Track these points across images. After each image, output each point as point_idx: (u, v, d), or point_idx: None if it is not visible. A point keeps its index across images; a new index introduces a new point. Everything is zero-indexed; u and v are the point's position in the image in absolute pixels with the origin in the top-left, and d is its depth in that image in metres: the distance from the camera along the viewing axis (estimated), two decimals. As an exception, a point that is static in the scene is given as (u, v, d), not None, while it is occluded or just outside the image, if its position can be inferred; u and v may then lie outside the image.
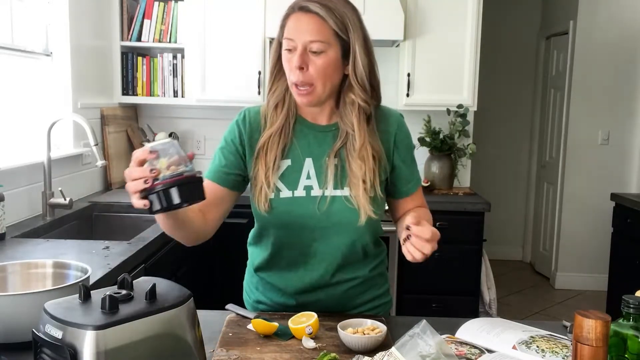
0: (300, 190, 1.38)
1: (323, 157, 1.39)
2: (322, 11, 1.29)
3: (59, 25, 2.78)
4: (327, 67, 1.31)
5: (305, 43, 1.29)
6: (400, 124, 1.45)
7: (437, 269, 3.14)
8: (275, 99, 1.40)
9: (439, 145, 3.44)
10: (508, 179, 5.64)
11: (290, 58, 1.31)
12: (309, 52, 1.29)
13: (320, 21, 1.29)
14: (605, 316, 0.92)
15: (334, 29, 1.30)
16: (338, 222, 1.37)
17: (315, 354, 1.18)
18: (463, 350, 1.15)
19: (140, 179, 1.05)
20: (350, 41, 1.32)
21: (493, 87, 5.20)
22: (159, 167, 1.03)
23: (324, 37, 1.29)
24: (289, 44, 1.31)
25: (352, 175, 1.36)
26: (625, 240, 3.65)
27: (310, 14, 1.29)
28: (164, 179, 1.02)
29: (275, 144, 1.37)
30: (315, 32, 1.29)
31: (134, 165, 1.07)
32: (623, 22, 4.62)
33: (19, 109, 2.56)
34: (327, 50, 1.30)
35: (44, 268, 1.32)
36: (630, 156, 4.75)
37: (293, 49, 1.30)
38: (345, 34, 1.31)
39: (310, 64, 1.30)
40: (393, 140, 1.42)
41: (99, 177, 3.17)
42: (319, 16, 1.29)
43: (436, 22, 3.30)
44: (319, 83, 1.31)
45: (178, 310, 0.97)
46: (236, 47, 3.29)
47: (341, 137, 1.38)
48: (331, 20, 1.29)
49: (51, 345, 0.89)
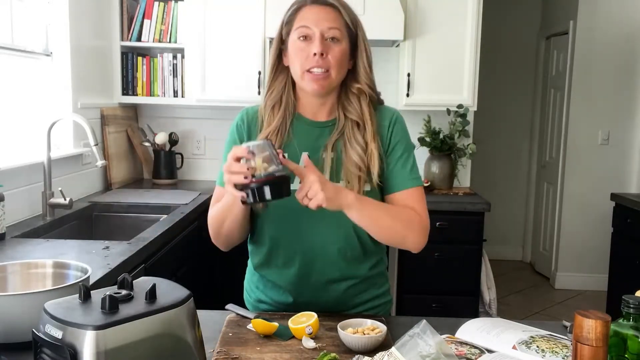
0: (296, 184, 1.38)
1: (319, 151, 1.40)
2: (338, 4, 1.37)
3: (59, 25, 2.78)
4: (342, 55, 1.36)
5: (324, 30, 1.34)
6: (397, 119, 1.46)
7: (437, 269, 3.14)
8: (272, 100, 1.42)
9: (439, 145, 3.44)
10: (508, 179, 5.64)
11: (304, 47, 1.35)
12: (326, 40, 1.35)
13: (336, 12, 1.36)
14: (605, 316, 0.92)
15: (346, 22, 1.37)
16: (333, 215, 1.35)
17: (315, 354, 1.18)
18: (463, 350, 1.15)
19: (239, 173, 1.17)
20: (359, 35, 1.40)
21: (493, 87, 5.20)
22: (255, 165, 1.17)
23: (340, 26, 1.36)
24: (305, 31, 1.35)
25: (349, 164, 1.37)
26: (625, 240, 3.65)
27: (325, 6, 1.36)
28: (259, 177, 1.16)
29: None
30: (333, 21, 1.35)
31: (231, 161, 1.18)
32: (623, 22, 4.62)
33: (19, 109, 2.56)
34: (342, 40, 1.36)
35: (44, 268, 1.32)
36: (630, 156, 4.75)
37: (309, 37, 1.35)
38: (355, 28, 1.39)
39: (329, 51, 1.34)
40: (387, 134, 1.43)
41: (99, 177, 3.17)
42: (335, 8, 1.36)
43: (436, 22, 3.30)
44: (334, 70, 1.36)
45: (178, 310, 0.97)
46: (236, 47, 3.29)
47: (338, 129, 1.40)
48: (345, 13, 1.37)
49: (51, 345, 0.89)
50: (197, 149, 3.73)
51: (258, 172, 1.17)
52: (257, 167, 1.17)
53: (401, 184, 1.41)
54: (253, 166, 1.17)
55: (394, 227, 1.36)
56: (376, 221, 1.34)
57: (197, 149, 3.73)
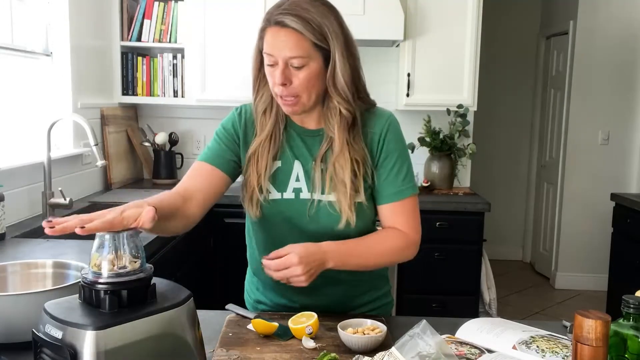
0: (290, 192, 1.38)
1: (311, 161, 1.39)
2: (299, 25, 1.24)
3: (59, 25, 2.78)
4: (310, 79, 1.29)
5: (286, 59, 1.26)
6: (390, 126, 1.40)
7: (437, 269, 3.14)
8: (263, 104, 1.40)
9: (439, 145, 3.43)
10: (508, 179, 5.63)
11: (272, 72, 1.30)
12: (290, 67, 1.27)
13: (298, 36, 1.25)
14: (605, 316, 0.92)
15: (313, 42, 1.26)
16: (323, 227, 1.36)
17: (315, 354, 1.18)
18: (463, 350, 1.15)
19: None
20: (331, 49, 1.28)
21: (493, 87, 5.20)
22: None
23: (303, 51, 1.26)
24: (270, 59, 1.29)
25: (336, 180, 1.35)
26: (625, 240, 3.65)
27: (287, 29, 1.25)
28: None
29: (266, 150, 1.37)
30: (294, 48, 1.25)
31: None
32: (623, 22, 4.62)
33: (19, 109, 2.56)
34: (309, 63, 1.28)
35: (44, 268, 1.32)
36: (630, 156, 4.75)
37: (274, 64, 1.29)
38: (325, 43, 1.28)
39: (293, 78, 1.28)
40: (378, 141, 1.39)
41: (99, 177, 3.17)
42: (296, 31, 1.25)
43: (436, 22, 3.30)
44: (304, 94, 1.30)
45: (178, 310, 0.97)
46: (236, 47, 3.29)
47: (326, 141, 1.38)
48: (308, 32, 1.25)
49: (51, 345, 0.89)
50: (197, 149, 3.73)
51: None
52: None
53: (392, 196, 1.39)
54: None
55: (381, 261, 1.41)
56: (363, 266, 1.38)
57: (197, 149, 3.73)
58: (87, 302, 0.94)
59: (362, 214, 1.37)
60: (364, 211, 1.37)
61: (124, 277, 0.94)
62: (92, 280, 0.94)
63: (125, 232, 0.97)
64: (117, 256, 0.96)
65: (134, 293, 0.94)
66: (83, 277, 0.95)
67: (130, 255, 0.97)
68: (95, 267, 0.95)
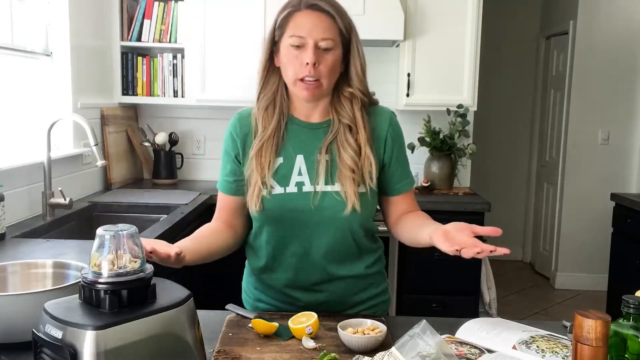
0: (292, 186, 1.39)
1: (314, 153, 1.40)
2: (332, 10, 1.34)
3: (59, 25, 2.78)
4: (334, 63, 1.35)
5: (317, 40, 1.32)
6: (393, 122, 1.46)
7: (437, 269, 3.13)
8: (265, 101, 1.42)
9: (439, 145, 3.43)
10: (508, 179, 5.63)
11: (298, 55, 1.33)
12: (319, 49, 1.33)
13: (331, 20, 1.34)
14: (605, 316, 0.92)
15: (340, 29, 1.35)
16: (328, 217, 1.38)
17: (315, 354, 1.18)
18: (463, 350, 1.15)
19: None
20: (352, 40, 1.38)
21: (493, 87, 5.20)
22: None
23: (334, 35, 1.34)
24: (298, 40, 1.33)
25: (343, 167, 1.37)
26: (625, 240, 3.65)
27: (320, 13, 1.34)
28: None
29: (270, 147, 1.39)
30: (327, 30, 1.33)
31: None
32: (623, 22, 4.62)
33: (19, 109, 2.56)
34: (335, 48, 1.35)
35: (44, 268, 1.32)
36: (630, 156, 4.75)
37: (302, 46, 1.33)
38: (348, 33, 1.37)
39: (321, 60, 1.33)
40: (384, 137, 1.43)
41: (99, 177, 3.17)
42: (330, 15, 1.34)
43: (436, 22, 3.30)
44: (325, 79, 1.35)
45: (178, 310, 0.97)
46: (236, 47, 3.29)
47: (332, 131, 1.40)
48: (339, 19, 1.35)
49: (51, 345, 0.89)
50: (197, 149, 3.73)
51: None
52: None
53: (403, 187, 1.48)
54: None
55: None
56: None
57: (197, 149, 3.73)
58: (87, 302, 0.94)
59: (365, 203, 1.39)
60: (367, 200, 1.40)
61: (124, 277, 0.94)
62: (92, 280, 0.94)
63: (125, 232, 0.98)
64: (117, 256, 0.96)
65: (134, 293, 0.95)
66: (83, 277, 0.95)
67: (130, 255, 0.97)
68: (95, 267, 0.95)
